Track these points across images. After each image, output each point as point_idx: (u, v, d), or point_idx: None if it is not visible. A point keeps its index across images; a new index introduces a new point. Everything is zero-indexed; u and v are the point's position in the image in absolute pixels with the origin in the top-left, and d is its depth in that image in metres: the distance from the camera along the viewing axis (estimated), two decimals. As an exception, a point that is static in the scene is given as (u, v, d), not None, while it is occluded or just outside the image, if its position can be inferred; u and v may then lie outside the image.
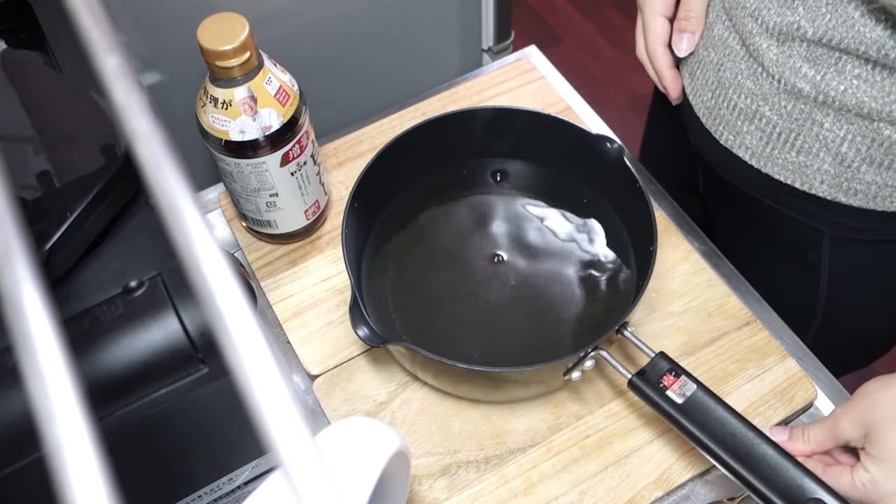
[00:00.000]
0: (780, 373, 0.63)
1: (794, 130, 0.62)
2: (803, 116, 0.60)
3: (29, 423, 0.18)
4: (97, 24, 0.21)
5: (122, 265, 0.41)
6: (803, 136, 0.61)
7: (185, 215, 0.18)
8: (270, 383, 0.16)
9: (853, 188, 0.62)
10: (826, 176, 0.62)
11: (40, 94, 0.47)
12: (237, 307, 0.17)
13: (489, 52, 0.96)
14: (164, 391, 0.40)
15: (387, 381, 0.64)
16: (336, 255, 0.69)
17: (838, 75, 0.57)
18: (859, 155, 0.60)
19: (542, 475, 0.59)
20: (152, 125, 0.19)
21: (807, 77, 0.58)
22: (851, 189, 0.62)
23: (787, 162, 0.64)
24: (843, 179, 0.62)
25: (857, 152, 0.60)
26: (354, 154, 0.76)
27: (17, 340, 0.17)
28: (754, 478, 0.51)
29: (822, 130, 0.60)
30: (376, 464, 0.43)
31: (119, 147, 0.42)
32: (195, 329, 0.39)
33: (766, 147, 0.64)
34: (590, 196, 0.69)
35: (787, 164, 0.64)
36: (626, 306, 0.59)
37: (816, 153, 0.62)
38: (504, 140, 0.69)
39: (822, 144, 0.61)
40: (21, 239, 0.18)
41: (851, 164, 0.60)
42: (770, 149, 0.64)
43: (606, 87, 1.91)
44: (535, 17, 2.02)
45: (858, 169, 0.60)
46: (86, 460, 0.15)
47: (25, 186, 0.41)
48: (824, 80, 0.57)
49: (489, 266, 0.67)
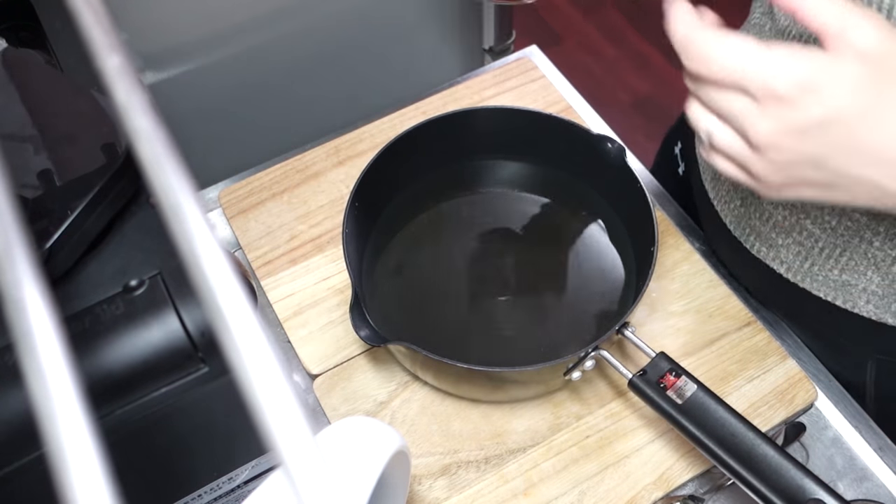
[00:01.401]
0: (781, 373, 0.63)
1: (840, 246, 0.55)
2: (850, 233, 0.54)
3: (29, 422, 0.18)
4: (98, 23, 0.21)
5: (123, 264, 0.41)
6: (849, 253, 0.55)
7: (186, 214, 0.18)
8: (271, 382, 0.16)
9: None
10: (873, 296, 0.56)
11: (41, 93, 0.47)
12: (238, 306, 0.17)
13: (490, 52, 0.96)
14: (165, 390, 0.40)
15: (387, 380, 0.64)
16: (336, 254, 0.69)
17: None
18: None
19: (542, 475, 0.59)
20: (154, 124, 0.19)
21: None
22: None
23: (828, 279, 0.57)
24: (892, 301, 0.56)
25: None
26: (355, 153, 0.76)
27: (18, 339, 0.17)
28: (754, 478, 0.51)
29: (870, 249, 0.53)
30: (376, 463, 0.43)
31: (120, 146, 0.42)
32: (195, 328, 0.39)
33: (805, 262, 0.58)
34: (590, 196, 0.69)
35: (828, 280, 0.57)
36: (626, 306, 0.59)
37: (863, 272, 0.55)
38: (505, 140, 0.69)
39: (870, 263, 0.54)
40: (22, 237, 0.18)
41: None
42: (809, 264, 0.57)
43: (607, 87, 1.91)
44: (536, 17, 2.02)
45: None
46: (86, 459, 0.15)
47: (26, 185, 0.41)
48: None
49: (490, 265, 0.67)
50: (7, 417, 0.36)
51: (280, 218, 0.72)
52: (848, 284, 0.57)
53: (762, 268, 0.62)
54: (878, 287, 0.56)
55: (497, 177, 0.72)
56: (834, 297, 0.58)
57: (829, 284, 0.58)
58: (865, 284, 0.56)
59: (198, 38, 0.76)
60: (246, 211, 0.72)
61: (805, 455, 0.62)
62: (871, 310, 0.57)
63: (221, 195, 0.73)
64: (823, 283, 0.58)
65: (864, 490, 0.61)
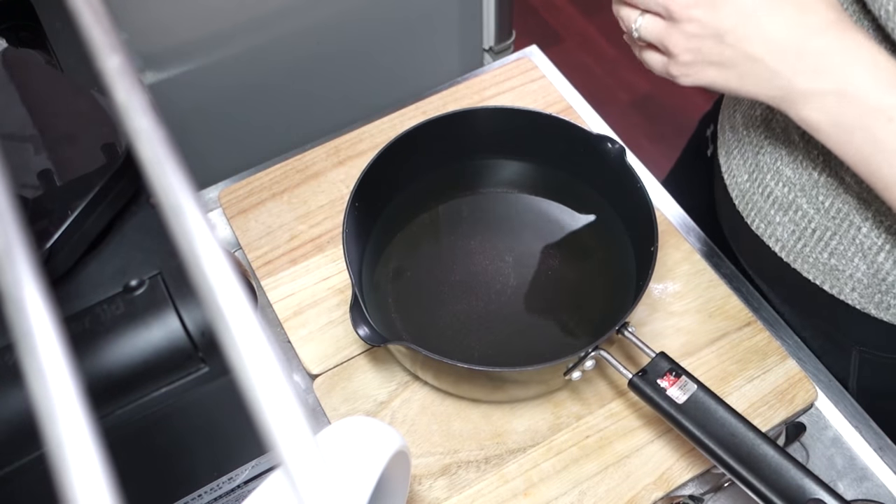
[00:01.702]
0: (781, 373, 0.63)
1: (830, 229, 0.57)
2: (840, 216, 0.56)
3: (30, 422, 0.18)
4: (98, 23, 0.21)
5: (123, 264, 0.41)
6: (839, 238, 0.57)
7: (186, 214, 0.18)
8: (271, 382, 0.16)
9: (886, 302, 0.57)
10: (858, 284, 0.58)
11: (41, 93, 0.47)
12: (238, 306, 0.17)
13: (490, 52, 0.96)
14: (165, 390, 0.40)
15: (387, 380, 0.64)
16: (336, 254, 0.69)
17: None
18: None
19: (542, 475, 0.59)
20: (154, 124, 0.19)
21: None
22: (884, 303, 0.57)
23: (818, 262, 0.60)
24: (875, 291, 0.57)
25: (894, 264, 0.55)
26: (355, 153, 0.76)
27: (19, 339, 0.17)
28: (754, 478, 0.51)
29: (858, 234, 0.56)
30: (377, 463, 0.43)
31: (120, 146, 0.42)
32: (196, 328, 0.39)
33: (798, 242, 0.60)
34: (591, 196, 0.69)
35: (818, 263, 0.60)
36: (626, 306, 0.59)
37: (851, 258, 0.57)
38: (505, 140, 0.69)
39: (857, 249, 0.56)
40: (22, 237, 0.18)
41: (887, 277, 0.56)
42: (801, 245, 0.60)
43: (608, 86, 1.91)
44: (536, 17, 2.02)
45: (894, 283, 0.56)
46: (87, 458, 0.15)
47: (26, 185, 0.41)
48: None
49: (490, 265, 0.67)
50: (7, 417, 0.36)
51: (280, 218, 0.72)
52: (836, 269, 0.59)
53: (760, 246, 0.64)
54: (863, 275, 0.57)
55: (497, 177, 0.72)
56: (822, 280, 0.60)
57: (819, 268, 0.60)
58: (852, 271, 0.58)
59: (198, 38, 0.76)
60: (246, 211, 0.72)
61: (805, 455, 0.62)
62: (855, 298, 0.59)
63: (221, 195, 0.73)
64: (813, 266, 0.60)
65: (864, 490, 0.61)
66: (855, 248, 0.57)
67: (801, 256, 0.61)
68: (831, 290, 0.60)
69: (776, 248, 0.63)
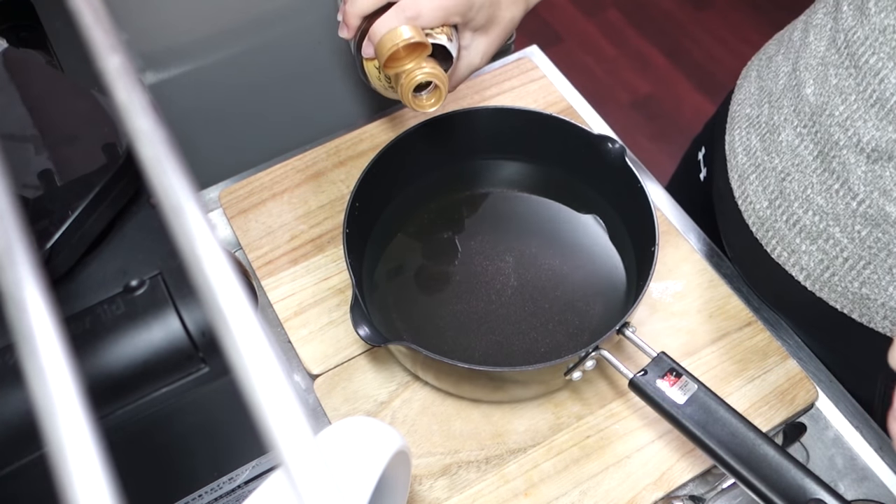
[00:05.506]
0: (781, 373, 0.63)
1: (864, 258, 0.54)
2: (878, 245, 0.53)
3: (30, 422, 0.18)
4: (99, 23, 0.21)
5: (123, 264, 0.41)
6: (873, 267, 0.54)
7: (186, 214, 0.18)
8: (272, 382, 0.16)
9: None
10: (891, 312, 0.55)
11: (42, 93, 0.47)
12: (238, 306, 0.17)
13: (490, 52, 0.96)
14: (165, 390, 0.40)
15: (388, 380, 0.64)
16: (337, 254, 0.69)
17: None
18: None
19: (542, 475, 0.59)
20: (154, 124, 0.19)
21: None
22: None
23: (847, 291, 0.56)
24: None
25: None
26: (355, 153, 0.76)
27: (19, 339, 0.17)
28: (755, 478, 0.51)
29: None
30: (377, 463, 0.43)
31: (120, 146, 0.42)
32: (196, 328, 0.39)
33: (826, 272, 0.57)
34: (591, 196, 0.69)
35: (846, 293, 0.56)
36: (626, 306, 0.59)
37: (885, 287, 0.54)
38: (505, 140, 0.69)
39: (893, 278, 0.53)
40: (22, 238, 0.18)
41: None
42: (829, 274, 0.57)
43: (608, 86, 1.91)
44: (536, 17, 2.02)
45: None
46: (87, 459, 0.15)
47: (27, 185, 0.41)
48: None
49: (490, 265, 0.67)
50: (8, 417, 0.36)
51: (280, 218, 0.72)
52: (867, 299, 0.56)
53: (780, 274, 0.61)
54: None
55: (497, 177, 0.72)
56: (850, 310, 0.57)
57: (848, 297, 0.57)
58: (885, 300, 0.55)
59: (198, 38, 0.76)
60: (246, 211, 0.72)
61: (806, 455, 0.62)
62: (886, 325, 0.56)
63: (222, 195, 0.73)
64: (842, 295, 0.57)
65: (864, 490, 0.61)
66: (890, 277, 0.54)
67: (828, 286, 0.58)
68: (860, 318, 0.57)
69: (800, 276, 0.59)
